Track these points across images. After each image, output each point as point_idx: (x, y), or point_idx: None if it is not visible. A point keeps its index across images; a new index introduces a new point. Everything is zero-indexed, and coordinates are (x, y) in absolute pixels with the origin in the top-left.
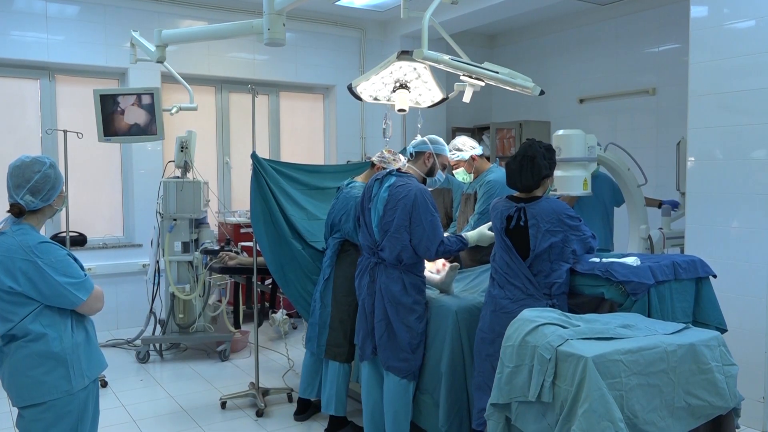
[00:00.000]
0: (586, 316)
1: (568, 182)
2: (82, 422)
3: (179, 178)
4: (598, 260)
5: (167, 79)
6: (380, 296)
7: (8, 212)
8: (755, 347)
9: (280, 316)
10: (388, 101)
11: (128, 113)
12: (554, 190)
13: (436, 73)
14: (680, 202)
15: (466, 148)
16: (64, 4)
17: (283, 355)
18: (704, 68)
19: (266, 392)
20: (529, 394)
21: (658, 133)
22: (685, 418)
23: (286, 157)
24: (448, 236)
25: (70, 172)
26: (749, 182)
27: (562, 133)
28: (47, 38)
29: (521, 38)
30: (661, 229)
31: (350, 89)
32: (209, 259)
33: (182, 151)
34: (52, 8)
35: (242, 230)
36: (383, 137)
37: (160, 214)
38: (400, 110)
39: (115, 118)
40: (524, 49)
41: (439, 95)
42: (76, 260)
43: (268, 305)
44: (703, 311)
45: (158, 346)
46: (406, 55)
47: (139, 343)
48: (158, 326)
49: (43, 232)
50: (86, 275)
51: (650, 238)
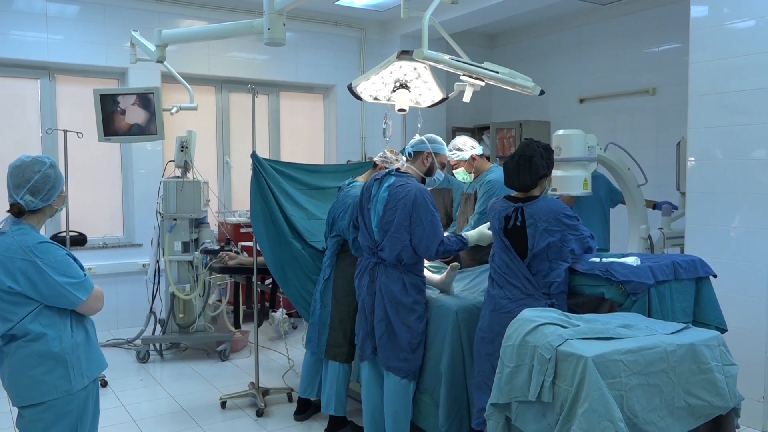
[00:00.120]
0: (586, 315)
1: (568, 182)
2: (82, 422)
3: (179, 177)
4: (598, 260)
5: (167, 78)
6: (380, 296)
7: (8, 212)
8: (755, 347)
9: (279, 315)
10: (388, 101)
11: (128, 113)
12: (554, 189)
13: (436, 72)
14: (675, 203)
15: (466, 147)
16: (64, 3)
17: (283, 354)
18: (704, 68)
19: (266, 392)
20: (529, 393)
21: (658, 132)
22: (685, 417)
23: (286, 156)
24: (448, 236)
25: (70, 171)
26: (749, 182)
27: (562, 132)
28: (47, 38)
29: (521, 38)
30: (661, 229)
31: (350, 89)
32: (209, 258)
33: (182, 150)
34: (52, 8)
35: (242, 230)
36: (383, 137)
37: (160, 213)
38: (400, 110)
39: (115, 117)
40: (524, 48)
41: (439, 95)
42: (75, 260)
43: (268, 305)
44: (703, 311)
45: (158, 345)
46: (406, 54)
47: (139, 342)
48: (158, 326)
49: (43, 231)
50: (86, 275)
51: (650, 237)
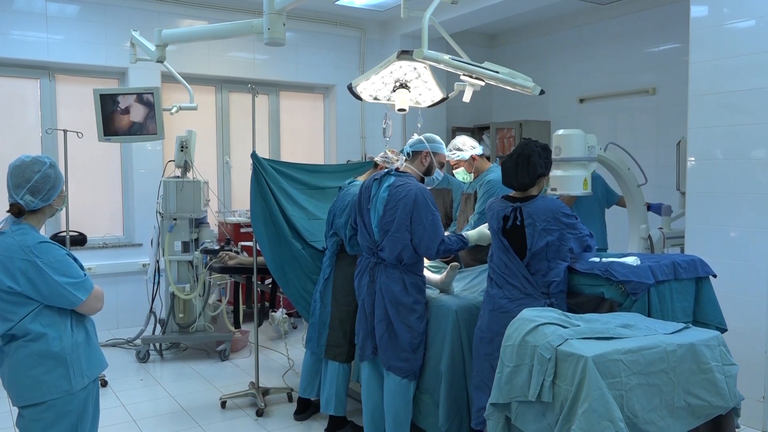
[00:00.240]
0: (585, 315)
1: (568, 182)
2: (82, 422)
3: (179, 177)
4: (598, 260)
5: (167, 78)
6: (380, 296)
7: (8, 212)
8: (755, 347)
9: (279, 315)
10: (388, 101)
11: (132, 111)
12: (554, 189)
13: (436, 72)
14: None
15: (466, 147)
16: (64, 3)
17: (283, 354)
18: (704, 68)
19: (266, 392)
20: (529, 393)
21: (658, 132)
22: (685, 417)
23: (286, 156)
24: (448, 235)
25: (70, 171)
26: (749, 182)
27: (562, 132)
28: (47, 38)
29: (521, 38)
30: (661, 228)
31: (350, 89)
32: (209, 258)
33: (182, 150)
34: (52, 8)
35: (242, 230)
36: (383, 137)
37: (160, 213)
38: (400, 110)
39: (115, 117)
40: (524, 48)
41: (439, 95)
42: (75, 260)
43: (268, 305)
44: (703, 311)
45: (158, 345)
46: (406, 54)
47: (139, 342)
48: (158, 326)
49: (43, 231)
50: (86, 275)
51: (650, 237)
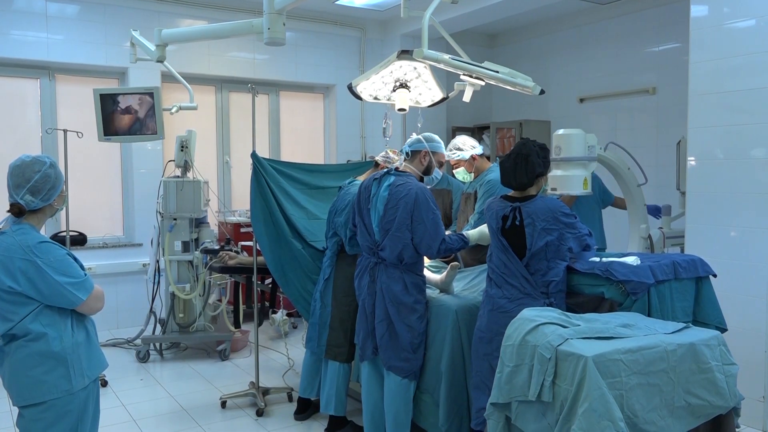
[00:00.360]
0: (586, 315)
1: (568, 182)
2: (82, 422)
3: (179, 177)
4: (598, 260)
5: (167, 78)
6: (381, 296)
7: (8, 212)
8: (755, 347)
9: (280, 316)
10: (388, 100)
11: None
12: (554, 189)
13: (436, 72)
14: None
15: (466, 147)
16: (64, 3)
17: (283, 354)
18: (704, 67)
19: (266, 392)
20: (529, 393)
21: (658, 132)
22: (685, 417)
23: (286, 156)
24: (449, 234)
25: (70, 171)
26: (749, 182)
27: (562, 132)
28: (47, 38)
29: (521, 38)
30: (661, 228)
31: (350, 88)
32: (209, 258)
33: (182, 150)
34: (52, 7)
35: (242, 230)
36: (383, 136)
37: (160, 213)
38: (400, 109)
39: (115, 117)
40: (524, 48)
41: (439, 94)
42: (76, 260)
43: (268, 305)
44: (703, 311)
45: (158, 345)
46: (406, 54)
47: (139, 342)
48: (158, 326)
49: (43, 231)
50: (86, 275)
51: (650, 237)
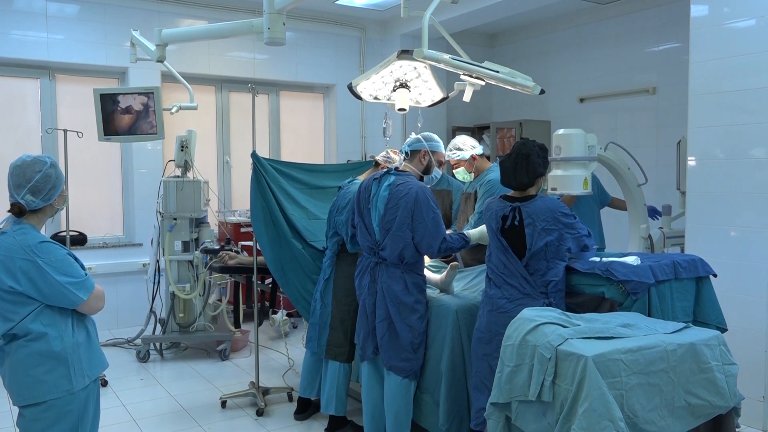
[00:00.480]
0: (586, 315)
1: (568, 181)
2: (82, 422)
3: (179, 177)
4: (598, 259)
5: (167, 78)
6: (382, 296)
7: (9, 212)
8: (755, 346)
9: (280, 316)
10: (388, 100)
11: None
12: (554, 189)
13: (436, 72)
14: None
15: (466, 147)
16: (64, 3)
17: (283, 354)
18: (704, 67)
19: (266, 391)
20: (529, 393)
21: (658, 132)
22: (685, 417)
23: (286, 156)
24: (450, 233)
25: (70, 171)
26: (750, 181)
27: (562, 132)
28: (47, 37)
29: (521, 37)
30: (661, 228)
31: (350, 88)
32: (209, 258)
33: (182, 150)
34: (52, 7)
35: (242, 229)
36: (383, 136)
37: (160, 213)
38: (400, 109)
39: (115, 117)
40: (524, 48)
41: (439, 94)
42: (76, 260)
43: (268, 304)
44: (703, 310)
45: (158, 345)
46: (406, 54)
47: (139, 342)
48: (158, 325)
49: (43, 231)
50: (87, 275)
51: (650, 237)
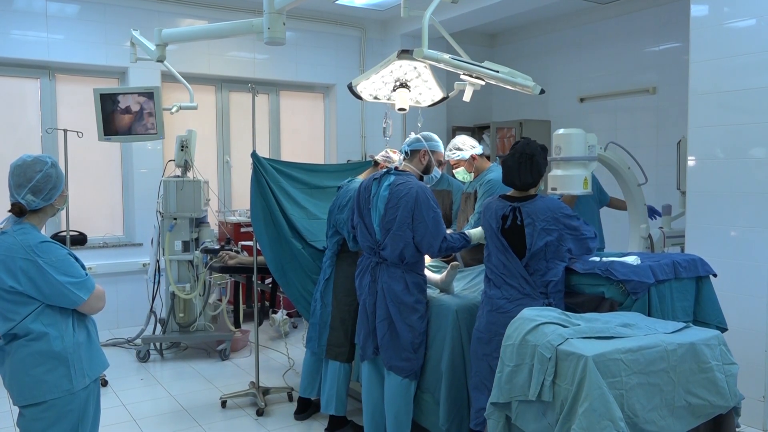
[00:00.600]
0: (586, 315)
1: (568, 181)
2: (82, 422)
3: (179, 177)
4: (598, 259)
5: (167, 78)
6: (382, 296)
7: (9, 212)
8: (755, 346)
9: (280, 316)
10: (388, 100)
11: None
12: (554, 189)
13: (436, 72)
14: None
15: (466, 147)
16: (64, 3)
17: (283, 354)
18: (705, 67)
19: (266, 391)
20: (529, 393)
21: (658, 132)
22: (685, 417)
23: (286, 156)
24: (451, 233)
25: (70, 171)
26: (750, 181)
27: (562, 132)
28: (47, 37)
29: (521, 37)
30: (661, 228)
31: (350, 88)
32: (209, 258)
33: (182, 150)
34: (52, 7)
35: (242, 229)
36: (383, 136)
37: (160, 213)
38: (400, 109)
39: (115, 117)
40: (524, 48)
41: (439, 94)
42: (77, 259)
43: (268, 304)
44: (703, 310)
45: (158, 345)
46: (406, 54)
47: (139, 342)
48: (158, 325)
49: (43, 231)
50: (87, 274)
51: (650, 237)
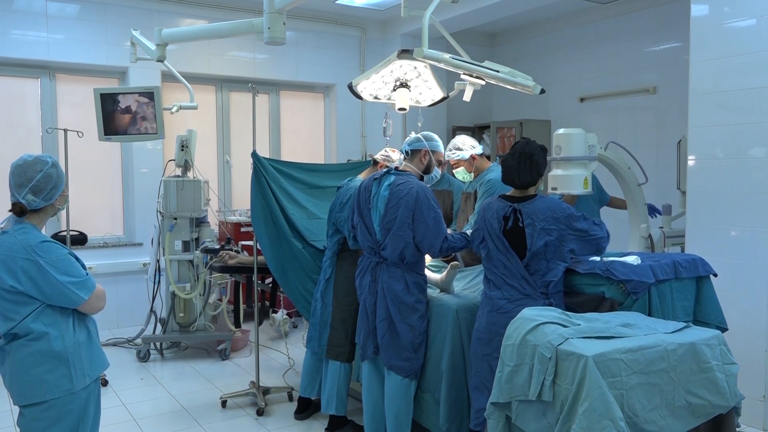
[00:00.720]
0: (586, 315)
1: (568, 181)
2: (83, 421)
3: (180, 177)
4: (598, 259)
5: (167, 77)
6: (382, 295)
7: (10, 211)
8: (756, 346)
9: (280, 316)
10: (388, 100)
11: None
12: (554, 189)
13: (436, 71)
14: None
15: (465, 147)
16: (64, 3)
17: (283, 354)
18: (705, 67)
19: (267, 391)
20: (529, 393)
21: (658, 131)
22: (685, 416)
23: (286, 156)
24: (452, 233)
25: (70, 171)
26: (750, 181)
27: (562, 131)
28: (47, 37)
29: (522, 37)
30: (661, 227)
31: (351, 88)
32: (210, 258)
33: (183, 150)
34: (52, 7)
35: (242, 229)
36: (383, 136)
37: (160, 213)
38: (400, 109)
39: (115, 117)
40: (525, 47)
41: (439, 94)
42: (77, 259)
43: (268, 304)
44: (703, 310)
45: (159, 345)
46: (406, 53)
47: (139, 341)
48: (159, 325)
49: (43, 231)
50: (87, 274)
51: (651, 236)
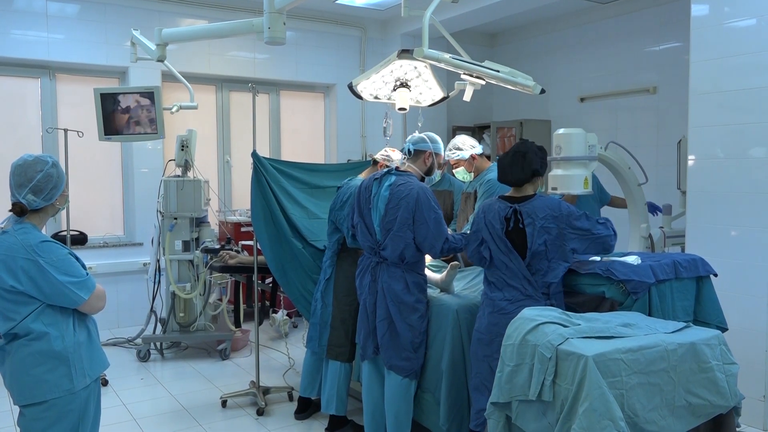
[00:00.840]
0: (586, 315)
1: (568, 181)
2: (83, 421)
3: (180, 176)
4: (598, 259)
5: (168, 77)
6: (382, 295)
7: (10, 211)
8: (756, 346)
9: (280, 316)
10: (388, 100)
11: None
12: (554, 189)
13: (436, 71)
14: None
15: (466, 147)
16: (64, 2)
17: (283, 353)
18: (705, 67)
19: (267, 391)
20: (529, 392)
21: (658, 131)
22: (685, 416)
23: (286, 155)
24: (452, 234)
25: (70, 171)
26: (750, 181)
27: (562, 131)
28: (48, 37)
29: (522, 37)
30: (661, 227)
31: (351, 88)
32: (210, 257)
33: (183, 149)
34: (52, 7)
35: (243, 229)
36: (384, 136)
37: (160, 212)
38: (400, 109)
39: (115, 116)
40: (525, 47)
41: (439, 94)
42: (78, 259)
43: (268, 304)
44: (703, 310)
45: (159, 344)
46: (406, 53)
47: (139, 341)
48: (159, 325)
49: (43, 230)
50: (88, 274)
51: (651, 236)
